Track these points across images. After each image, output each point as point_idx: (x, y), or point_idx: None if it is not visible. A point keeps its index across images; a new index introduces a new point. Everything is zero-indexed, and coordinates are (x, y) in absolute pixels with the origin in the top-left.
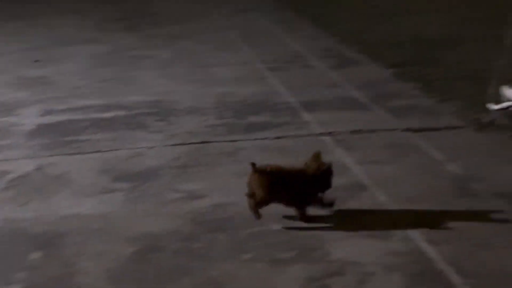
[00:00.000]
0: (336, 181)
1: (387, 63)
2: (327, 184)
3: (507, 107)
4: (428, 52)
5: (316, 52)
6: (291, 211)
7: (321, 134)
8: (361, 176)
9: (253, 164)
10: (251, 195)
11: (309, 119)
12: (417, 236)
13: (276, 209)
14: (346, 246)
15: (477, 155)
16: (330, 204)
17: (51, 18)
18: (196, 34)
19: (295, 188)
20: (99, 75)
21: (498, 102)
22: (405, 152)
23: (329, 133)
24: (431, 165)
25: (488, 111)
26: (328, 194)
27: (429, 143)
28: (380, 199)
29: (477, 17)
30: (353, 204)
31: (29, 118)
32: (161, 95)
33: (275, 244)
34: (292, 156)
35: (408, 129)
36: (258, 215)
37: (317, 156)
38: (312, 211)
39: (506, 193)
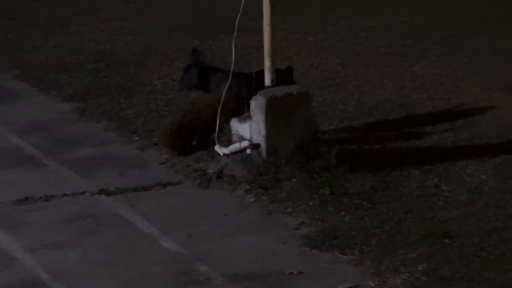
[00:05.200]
0: None
1: (64, 95)
2: None
3: (241, 149)
4: (120, 73)
5: None
6: None
7: None
8: (35, 269)
9: None
10: None
11: None
12: None
13: None
14: None
15: (201, 223)
16: None
17: None
18: None
19: None
20: None
21: (228, 143)
22: (100, 227)
23: None
24: (139, 243)
25: (215, 157)
26: None
27: (134, 210)
28: None
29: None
30: None
31: None
32: None
33: None
34: None
35: (102, 191)
36: None
37: None
38: None
39: (241, 275)
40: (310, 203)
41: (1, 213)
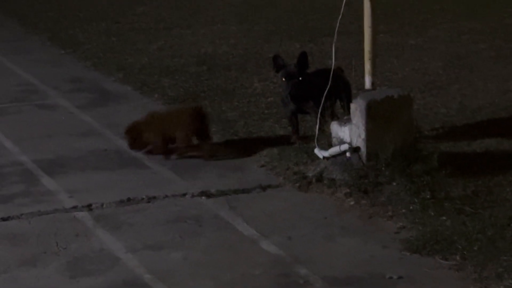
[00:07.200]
0: (99, 279)
1: (166, 97)
2: None
3: (341, 153)
4: (221, 76)
5: (58, 83)
6: None
7: (74, 208)
8: (137, 270)
9: None
10: None
11: (54, 187)
12: None
13: None
14: None
15: (301, 226)
16: None
17: None
18: None
19: None
20: None
21: (328, 146)
22: (200, 228)
23: (87, 207)
24: (239, 245)
25: (314, 160)
26: None
27: (234, 212)
28: None
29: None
30: None
31: None
32: None
33: None
34: (32, 245)
35: (203, 193)
36: None
37: None
38: None
39: (342, 278)
40: (411, 207)
41: (105, 213)
